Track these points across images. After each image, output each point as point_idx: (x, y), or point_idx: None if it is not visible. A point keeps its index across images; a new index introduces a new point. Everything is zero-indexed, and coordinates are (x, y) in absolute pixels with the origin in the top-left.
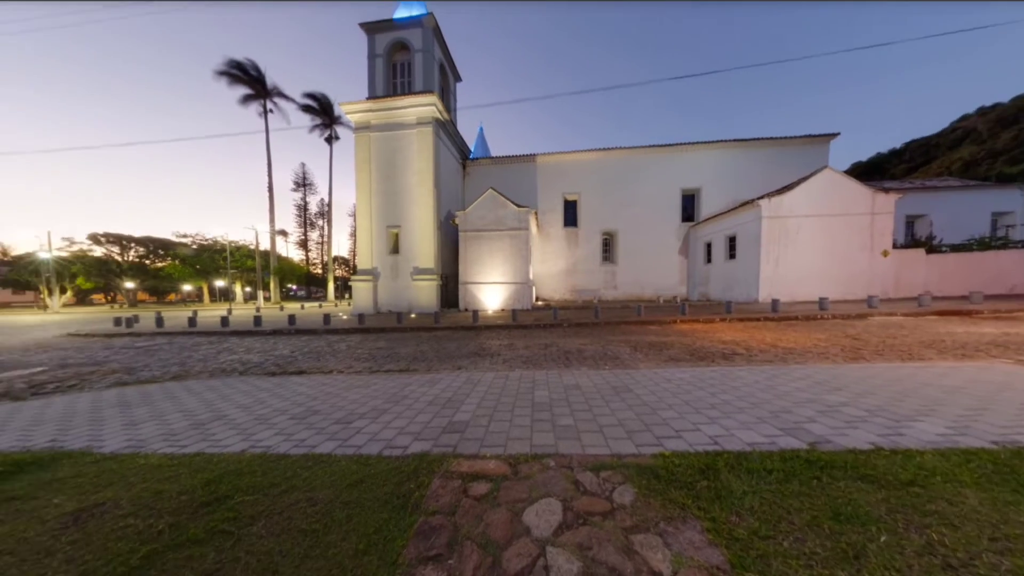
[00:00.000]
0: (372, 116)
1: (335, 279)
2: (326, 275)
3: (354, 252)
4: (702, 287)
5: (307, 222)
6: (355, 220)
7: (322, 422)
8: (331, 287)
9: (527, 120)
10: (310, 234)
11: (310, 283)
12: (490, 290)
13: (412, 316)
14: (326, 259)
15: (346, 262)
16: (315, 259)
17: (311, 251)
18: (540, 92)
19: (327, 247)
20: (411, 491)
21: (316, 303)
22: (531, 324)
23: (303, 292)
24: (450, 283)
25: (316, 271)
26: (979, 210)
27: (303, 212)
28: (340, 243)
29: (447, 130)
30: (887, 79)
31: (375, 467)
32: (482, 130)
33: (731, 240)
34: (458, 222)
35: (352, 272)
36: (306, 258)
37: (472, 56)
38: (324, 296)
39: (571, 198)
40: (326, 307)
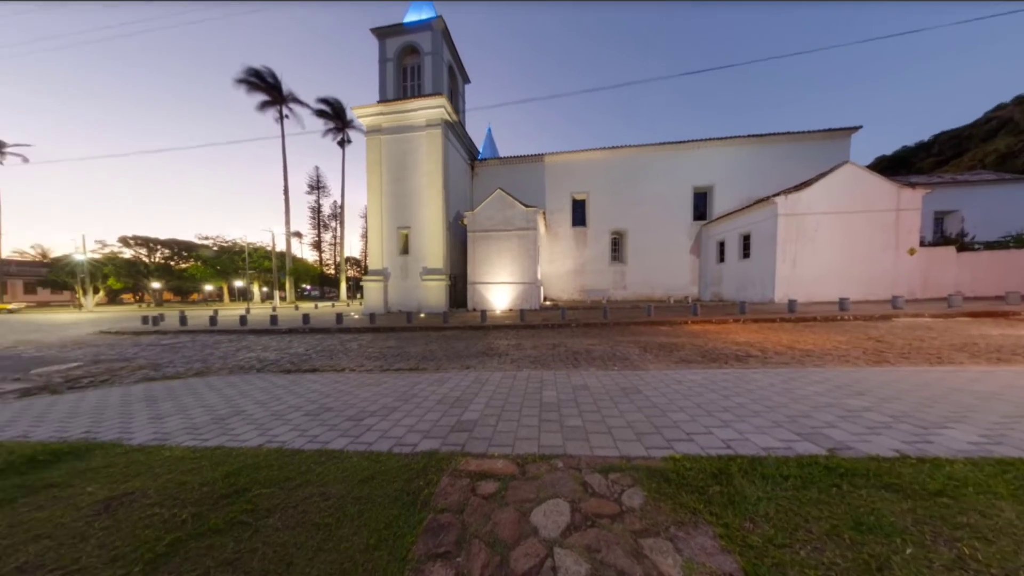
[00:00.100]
0: (383, 119)
1: (347, 279)
2: (339, 275)
3: (365, 253)
4: (715, 287)
5: (321, 224)
6: (366, 221)
7: (335, 419)
8: (343, 287)
9: (536, 120)
10: (323, 235)
11: (323, 283)
12: (498, 290)
13: (421, 316)
14: (339, 260)
15: (358, 263)
16: (328, 260)
17: (324, 252)
18: (549, 92)
19: (340, 248)
20: (420, 488)
21: (329, 303)
22: (539, 324)
23: (317, 292)
24: (459, 283)
25: (329, 271)
26: (1016, 205)
27: (317, 214)
28: (352, 244)
29: (456, 131)
30: (913, 69)
31: (385, 464)
32: (490, 131)
33: (745, 239)
34: (466, 222)
35: (364, 272)
36: (320, 259)
37: (480, 57)
38: (337, 296)
39: (579, 197)
40: (339, 307)
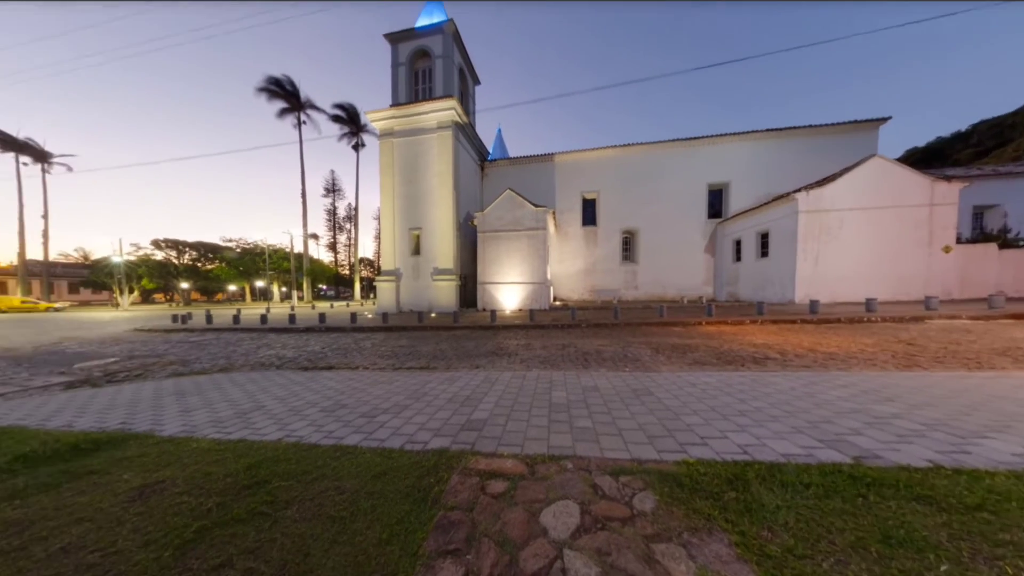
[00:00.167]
0: (395, 123)
1: (361, 279)
2: (353, 276)
3: (378, 254)
4: (730, 287)
5: (336, 226)
6: (379, 223)
7: (349, 415)
8: (357, 287)
9: (546, 120)
10: (338, 237)
11: (338, 283)
12: (508, 290)
13: (432, 315)
14: (353, 260)
15: (371, 263)
16: (343, 261)
17: (339, 253)
18: (559, 91)
19: (354, 249)
20: (431, 485)
21: (344, 302)
22: (549, 324)
23: (332, 292)
24: (469, 283)
25: (344, 272)
26: None
27: (332, 216)
28: (366, 245)
29: (466, 133)
30: (949, 54)
31: (397, 460)
32: (500, 131)
33: (763, 237)
34: (476, 223)
35: (377, 273)
36: (335, 260)
37: (490, 58)
38: (351, 296)
39: (590, 196)
40: (353, 306)
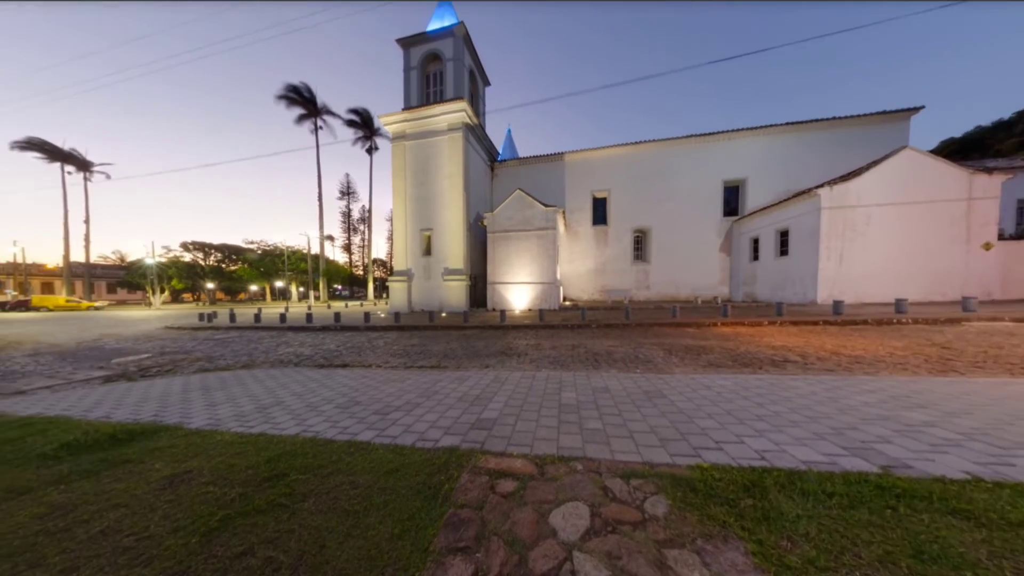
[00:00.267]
0: (407, 126)
1: (374, 280)
2: (366, 276)
3: (391, 254)
4: (747, 287)
5: (350, 227)
6: (392, 224)
7: (362, 412)
8: (371, 287)
9: (555, 120)
10: (353, 238)
11: (353, 283)
12: (517, 290)
13: (443, 315)
14: (366, 261)
15: (384, 264)
16: (357, 261)
17: (354, 254)
18: (568, 90)
19: (367, 250)
20: (441, 483)
21: (358, 302)
22: (558, 324)
23: (347, 292)
24: (479, 283)
25: (358, 272)
26: None
27: (347, 219)
28: (379, 246)
29: (476, 134)
30: (991, 39)
31: (409, 457)
32: (510, 132)
33: (783, 235)
34: (486, 223)
35: (389, 273)
36: (349, 261)
37: (500, 59)
38: (365, 295)
39: (600, 196)
40: (366, 306)
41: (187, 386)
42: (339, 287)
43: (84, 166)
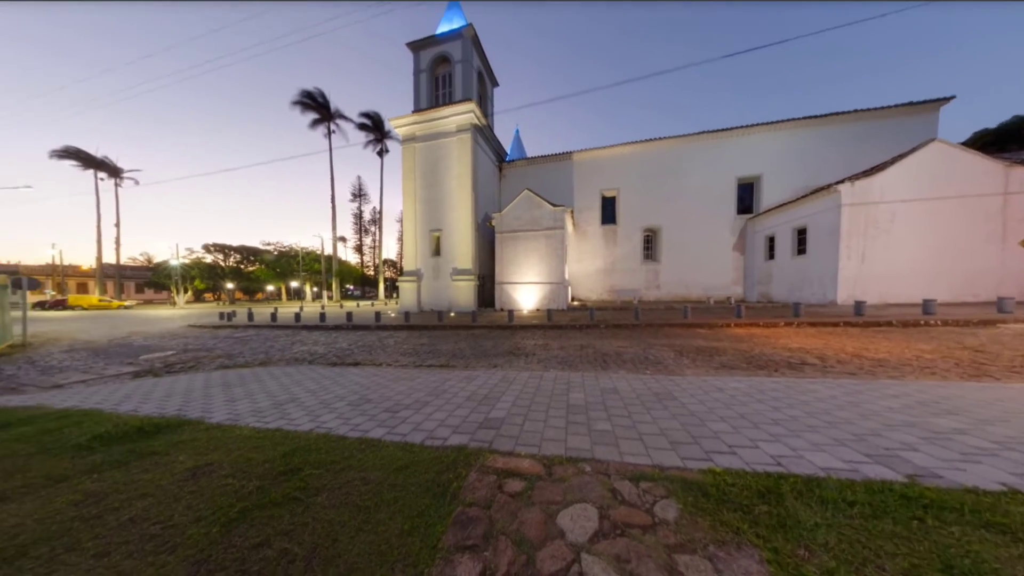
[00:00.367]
0: (417, 128)
1: (385, 280)
2: (377, 276)
3: (401, 255)
4: (762, 287)
5: (362, 229)
6: (402, 225)
7: (373, 409)
8: (381, 287)
9: (564, 119)
10: (364, 240)
11: (364, 283)
12: (525, 290)
13: (452, 315)
14: (377, 262)
15: (394, 264)
16: (368, 262)
17: (365, 255)
18: (577, 89)
19: (378, 251)
20: (449, 481)
21: (369, 302)
22: (566, 324)
23: (359, 292)
24: (487, 283)
25: (369, 273)
26: None
27: (359, 220)
28: (389, 247)
29: (484, 135)
30: None
31: (418, 455)
32: (518, 132)
33: (800, 233)
34: (494, 223)
35: (399, 273)
36: (361, 261)
37: (508, 59)
38: (376, 295)
39: (609, 194)
40: (377, 305)
41: (208, 382)
42: (351, 287)
43: (115, 172)
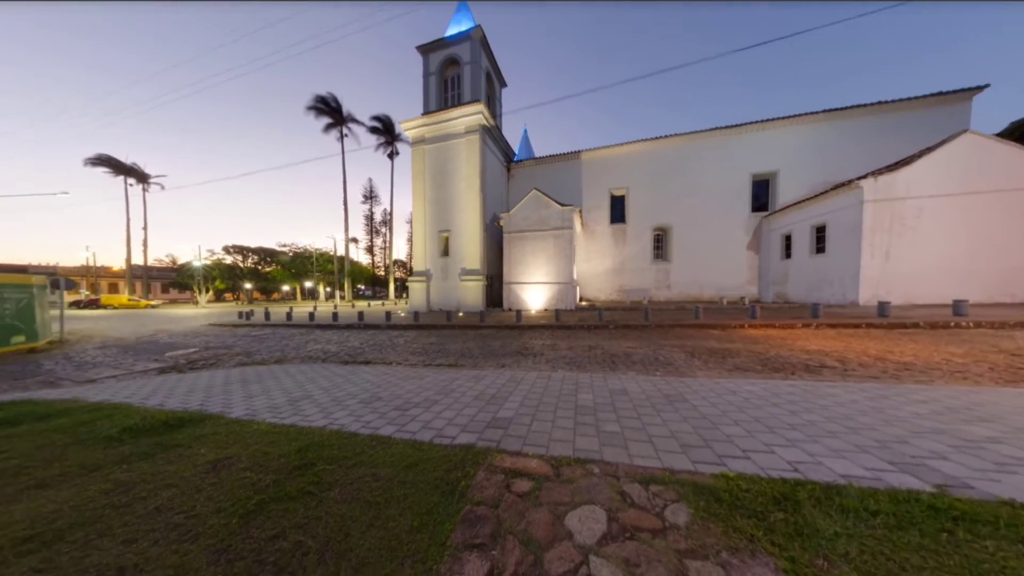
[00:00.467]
0: (426, 130)
1: (395, 280)
2: (388, 276)
3: (410, 255)
4: (778, 287)
5: (372, 230)
6: (411, 226)
7: (384, 407)
8: (391, 287)
9: (573, 118)
10: (375, 240)
11: (375, 284)
12: (533, 290)
13: (460, 315)
14: (388, 262)
15: (404, 265)
16: (379, 262)
17: (375, 255)
18: (585, 87)
19: (388, 252)
20: (458, 479)
21: (380, 301)
22: (575, 325)
23: (369, 291)
24: (495, 283)
25: (380, 273)
26: None
27: (370, 222)
28: (399, 247)
29: (492, 135)
30: None
31: (427, 453)
32: (526, 132)
33: (819, 231)
34: (502, 224)
35: (409, 273)
36: (372, 262)
37: (516, 59)
38: (386, 295)
39: (618, 193)
40: (387, 305)
41: (228, 379)
42: (362, 287)
43: (143, 178)
